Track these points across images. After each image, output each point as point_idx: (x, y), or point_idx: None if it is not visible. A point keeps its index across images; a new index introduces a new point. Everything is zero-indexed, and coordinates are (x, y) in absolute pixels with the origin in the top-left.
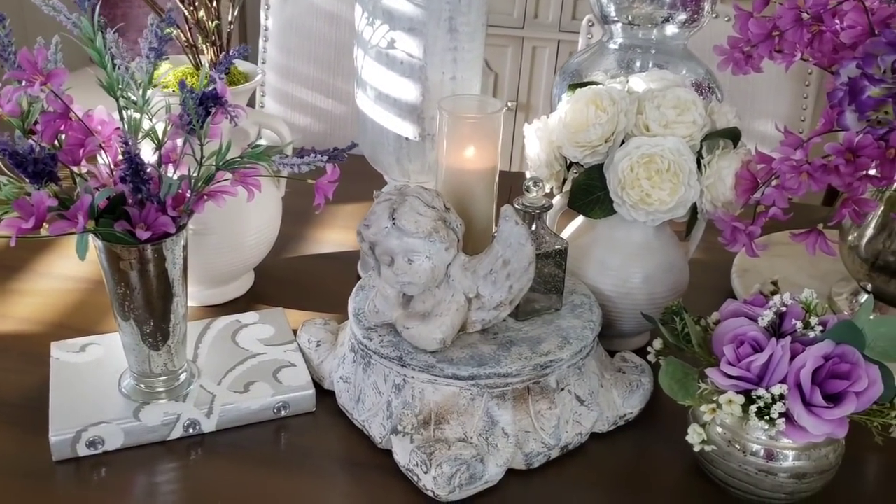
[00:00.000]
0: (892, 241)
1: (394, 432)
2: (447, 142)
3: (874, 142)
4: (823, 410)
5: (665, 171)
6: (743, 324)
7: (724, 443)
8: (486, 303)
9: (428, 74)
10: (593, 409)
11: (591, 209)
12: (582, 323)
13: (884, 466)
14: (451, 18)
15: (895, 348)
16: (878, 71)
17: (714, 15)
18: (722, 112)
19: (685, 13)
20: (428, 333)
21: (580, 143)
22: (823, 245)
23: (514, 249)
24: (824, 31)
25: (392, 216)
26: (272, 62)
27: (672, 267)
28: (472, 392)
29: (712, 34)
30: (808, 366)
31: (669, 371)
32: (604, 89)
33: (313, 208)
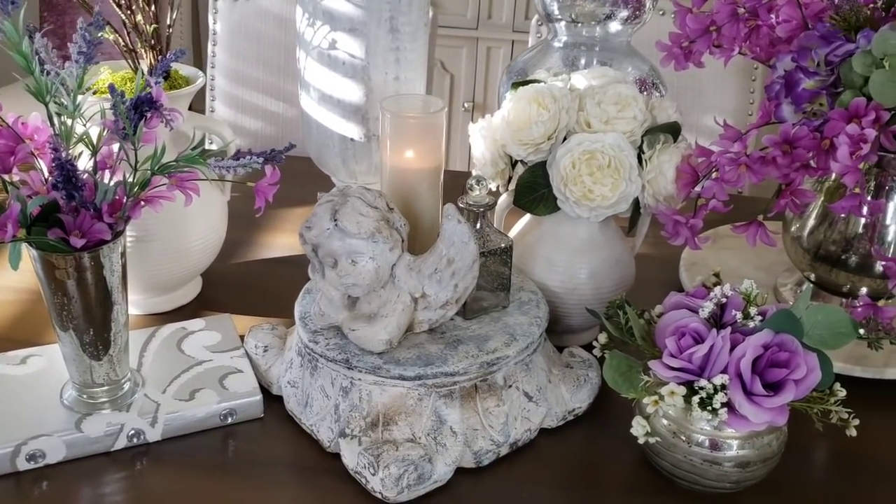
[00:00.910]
0: (832, 230)
1: (342, 435)
2: (390, 142)
3: (810, 133)
4: (764, 399)
5: (606, 166)
6: (684, 316)
7: (670, 434)
8: (432, 302)
9: (371, 75)
10: (542, 405)
11: (536, 206)
12: (529, 319)
13: (825, 452)
14: (392, 18)
15: (833, 336)
16: (812, 64)
17: (660, 12)
18: (663, 107)
19: (627, 10)
20: (374, 335)
21: (523, 140)
22: (764, 236)
23: (458, 248)
24: (761, 25)
25: (334, 217)
26: (221, 66)
27: (618, 262)
28: (419, 392)
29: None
30: (748, 355)
31: (613, 365)
32: (545, 87)
33: (254, 211)
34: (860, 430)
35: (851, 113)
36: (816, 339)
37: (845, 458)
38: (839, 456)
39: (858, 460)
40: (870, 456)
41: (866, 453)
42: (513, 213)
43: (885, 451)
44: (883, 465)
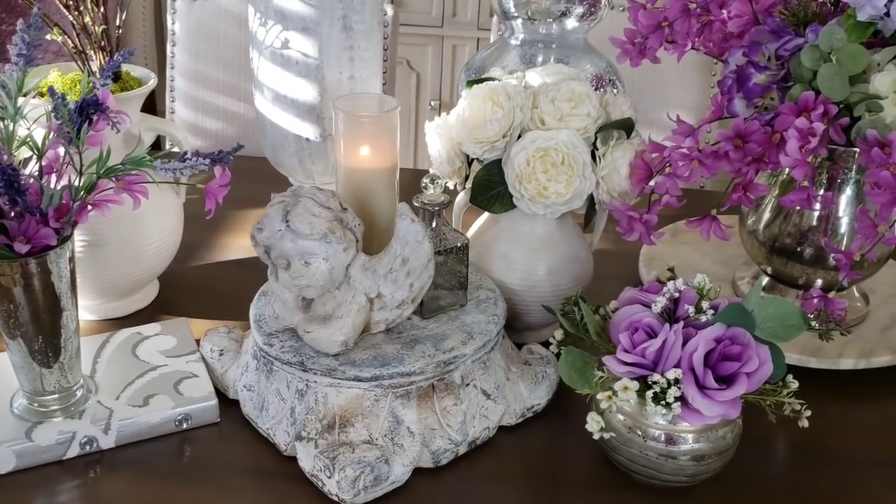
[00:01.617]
0: (787, 224)
1: (298, 438)
2: (344, 141)
3: (761, 127)
4: (716, 392)
5: (560, 163)
6: (638, 311)
7: (625, 429)
8: (388, 302)
9: (325, 74)
10: (500, 403)
11: (492, 204)
12: (486, 317)
13: (781, 444)
14: (345, 17)
15: (784, 328)
16: (763, 58)
17: (620, 8)
18: (617, 104)
19: (582, 6)
20: (329, 336)
21: (478, 139)
22: (717, 230)
23: (413, 247)
24: (713, 20)
25: (285, 218)
26: (181, 67)
27: (576, 258)
28: (375, 393)
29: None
30: (700, 349)
31: (569, 361)
32: (499, 85)
33: (205, 213)
34: (816, 421)
35: (801, 107)
36: (768, 331)
37: (801, 449)
38: (795, 447)
39: (814, 451)
40: (825, 446)
41: (822, 444)
42: (471, 211)
43: (840, 441)
44: (838, 455)
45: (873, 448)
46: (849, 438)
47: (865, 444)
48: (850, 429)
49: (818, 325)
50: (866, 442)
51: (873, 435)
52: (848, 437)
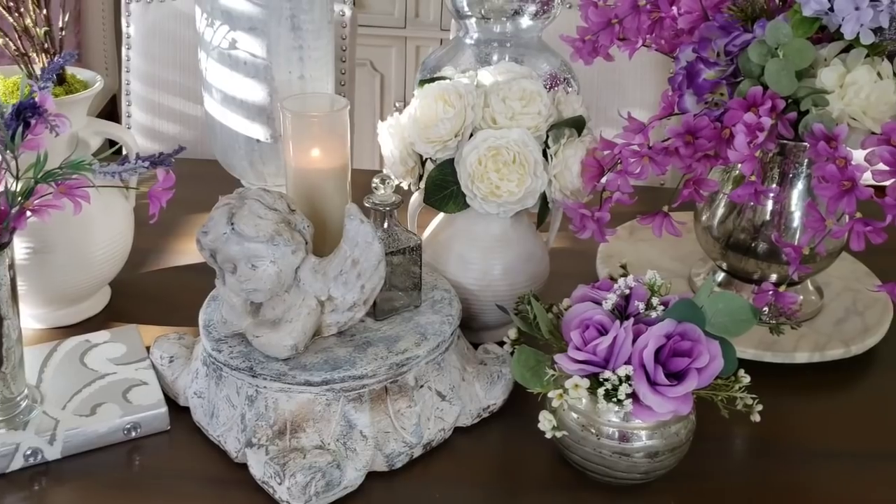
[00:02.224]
0: (741, 219)
1: (249, 445)
2: (292, 142)
3: (710, 123)
4: (667, 388)
5: (511, 162)
6: (589, 308)
7: (579, 428)
8: (339, 305)
9: (274, 74)
10: (455, 404)
11: (446, 204)
12: (441, 318)
13: (735, 438)
14: (293, 16)
15: (734, 323)
16: (712, 54)
17: (568, 6)
18: (569, 102)
19: (535, 5)
20: (278, 340)
21: (430, 138)
22: (670, 227)
23: (363, 248)
24: (664, 17)
25: (230, 221)
26: (136, 70)
27: (531, 257)
28: (327, 397)
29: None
30: (651, 346)
31: (521, 359)
32: (450, 84)
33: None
34: (771, 415)
35: (749, 102)
36: (719, 326)
37: (756, 443)
38: (750, 441)
39: (769, 444)
40: (781, 439)
41: (777, 437)
42: (426, 211)
43: (795, 434)
44: (793, 448)
45: (827, 440)
46: (803, 431)
47: (820, 436)
48: (805, 422)
49: (769, 320)
50: (821, 434)
51: (827, 427)
52: (803, 429)
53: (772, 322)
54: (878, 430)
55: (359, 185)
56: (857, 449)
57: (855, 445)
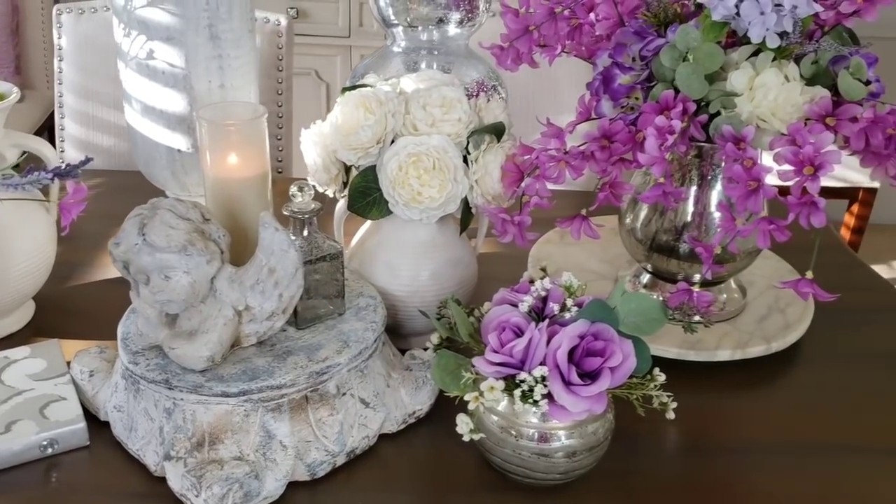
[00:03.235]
0: (663, 220)
1: (167, 458)
2: (210, 151)
3: (625, 127)
4: (581, 388)
5: (432, 168)
6: (507, 311)
7: (498, 430)
8: (258, 314)
9: (193, 84)
10: (380, 411)
11: (369, 210)
12: (364, 325)
13: (658, 437)
14: (211, 26)
15: (646, 322)
16: (627, 59)
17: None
18: (490, 108)
19: (460, 13)
20: (194, 352)
21: (352, 145)
22: (588, 230)
23: (279, 256)
24: (583, 23)
25: (142, 231)
26: (69, 83)
27: (459, 262)
28: (245, 408)
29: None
30: (564, 346)
31: (442, 364)
32: (371, 91)
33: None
34: (696, 412)
35: (662, 105)
36: (631, 326)
37: (680, 441)
38: (673, 439)
39: (694, 441)
40: (706, 436)
41: (702, 434)
42: (355, 219)
43: (719, 431)
44: (718, 445)
45: (750, 436)
46: (727, 427)
47: (743, 432)
48: (728, 418)
49: (681, 318)
50: (743, 430)
51: (751, 423)
52: (726, 426)
53: (683, 321)
54: (799, 425)
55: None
56: (779, 443)
57: (777, 440)
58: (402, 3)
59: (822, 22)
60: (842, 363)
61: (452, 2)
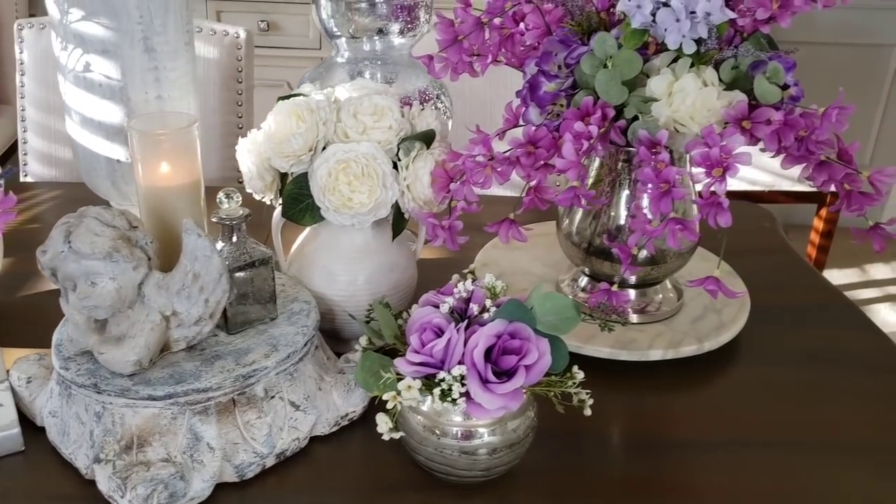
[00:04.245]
0: (597, 224)
1: (97, 461)
2: (141, 160)
3: (549, 133)
4: (496, 385)
5: (361, 175)
6: (429, 312)
7: (421, 429)
8: (185, 319)
9: (130, 95)
10: (311, 413)
11: (303, 216)
12: (295, 329)
13: (572, 435)
14: (146, 39)
15: (562, 321)
16: (554, 68)
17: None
18: (423, 116)
19: (399, 23)
20: (121, 356)
21: (285, 153)
22: (516, 233)
23: (202, 262)
24: (514, 33)
25: (67, 239)
26: (31, 97)
27: (394, 266)
28: (172, 411)
29: None
30: (481, 345)
31: (366, 365)
32: (303, 100)
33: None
34: (630, 411)
35: (582, 112)
36: (548, 325)
37: (613, 439)
38: (606, 436)
39: (626, 440)
40: (639, 435)
41: (635, 433)
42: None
43: (652, 428)
44: (651, 443)
45: (685, 435)
46: (661, 426)
47: (677, 431)
48: (661, 416)
49: (597, 317)
50: (678, 429)
51: (685, 422)
52: (660, 424)
53: (600, 319)
54: (735, 423)
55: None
56: (714, 441)
57: (712, 438)
58: (344, 16)
59: (741, 28)
60: (778, 361)
61: (392, 13)
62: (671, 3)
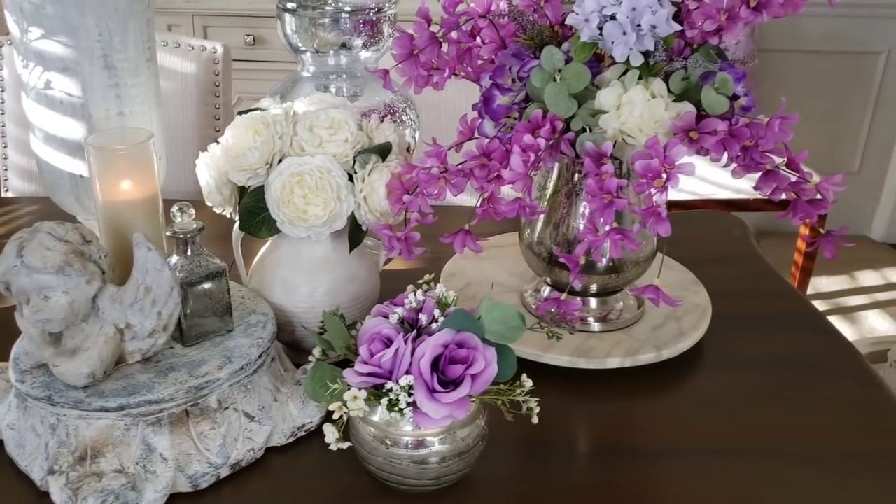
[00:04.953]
0: (556, 234)
1: (51, 473)
2: (98, 176)
3: (501, 146)
4: (442, 395)
5: (315, 187)
6: (380, 323)
7: (371, 439)
8: (139, 332)
9: (91, 112)
10: (266, 424)
11: (259, 229)
12: (251, 341)
13: (531, 443)
14: (106, 56)
15: (508, 330)
16: (507, 81)
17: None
18: (381, 129)
19: (361, 38)
20: (75, 369)
21: (241, 167)
22: (471, 244)
23: (153, 276)
24: (472, 47)
25: (20, 254)
26: (11, 113)
27: (354, 278)
28: (125, 422)
29: None
30: (428, 355)
31: (316, 376)
32: (260, 114)
33: None
34: (586, 418)
35: (533, 124)
36: (495, 334)
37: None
38: (563, 445)
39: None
40: (591, 441)
41: (595, 440)
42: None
43: (613, 437)
44: (603, 450)
45: (644, 442)
46: (621, 434)
47: (636, 438)
48: (623, 425)
49: (544, 325)
50: (637, 436)
51: (645, 429)
52: (620, 432)
53: (547, 327)
54: (696, 430)
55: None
56: (669, 447)
57: (667, 444)
58: (307, 31)
59: (690, 40)
60: (738, 369)
61: (355, 28)
62: (617, 17)
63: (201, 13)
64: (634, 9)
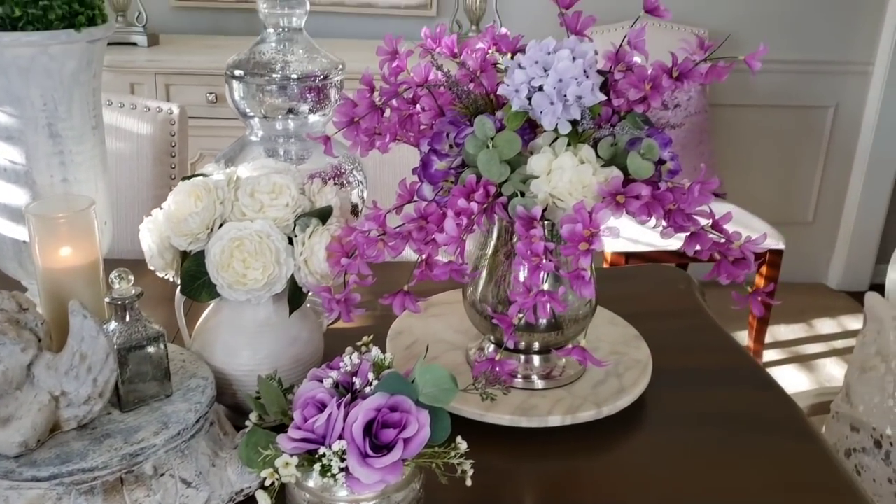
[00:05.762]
0: (497, 292)
1: None
2: (39, 244)
3: (438, 209)
4: (374, 459)
5: (255, 252)
6: (314, 387)
7: (306, 503)
8: (74, 399)
9: (35, 178)
10: (203, 490)
11: (200, 293)
12: (189, 406)
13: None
14: (51, 125)
15: (441, 392)
16: (445, 147)
17: None
18: (323, 193)
19: (307, 104)
20: (7, 438)
21: (183, 231)
22: (411, 304)
23: (89, 343)
24: (413, 114)
25: None
26: None
27: (295, 340)
28: (57, 491)
29: None
30: (360, 420)
31: (251, 442)
32: (202, 180)
33: None
34: (529, 477)
35: (467, 189)
36: (429, 396)
37: None
38: None
39: None
40: (534, 500)
41: (528, 499)
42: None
43: (547, 495)
44: None
45: (580, 499)
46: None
47: (572, 496)
48: (563, 483)
49: (478, 387)
50: (573, 494)
51: (580, 487)
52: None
53: (480, 389)
54: (629, 487)
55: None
56: None
57: (607, 501)
58: (255, 97)
59: (617, 108)
60: (678, 424)
61: (301, 94)
62: (545, 88)
63: (164, 72)
64: (561, 80)
